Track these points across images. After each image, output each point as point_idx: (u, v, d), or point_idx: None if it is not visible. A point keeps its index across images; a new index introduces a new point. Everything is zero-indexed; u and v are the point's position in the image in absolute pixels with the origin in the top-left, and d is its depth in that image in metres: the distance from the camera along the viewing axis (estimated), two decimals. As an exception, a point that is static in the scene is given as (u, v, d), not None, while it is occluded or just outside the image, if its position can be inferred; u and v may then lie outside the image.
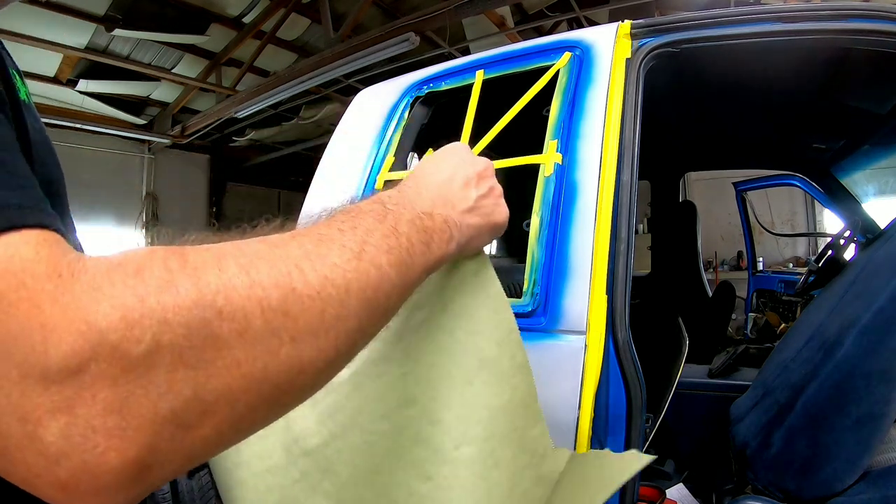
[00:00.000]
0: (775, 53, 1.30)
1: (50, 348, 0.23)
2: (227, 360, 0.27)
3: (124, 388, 0.24)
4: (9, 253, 0.25)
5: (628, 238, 0.97)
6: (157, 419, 0.25)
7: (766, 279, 4.13)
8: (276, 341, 0.29)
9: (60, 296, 0.24)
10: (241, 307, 0.27)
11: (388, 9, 4.54)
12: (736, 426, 1.32)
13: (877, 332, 1.02)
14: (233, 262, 0.29)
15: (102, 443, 0.24)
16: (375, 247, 0.36)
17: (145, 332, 0.25)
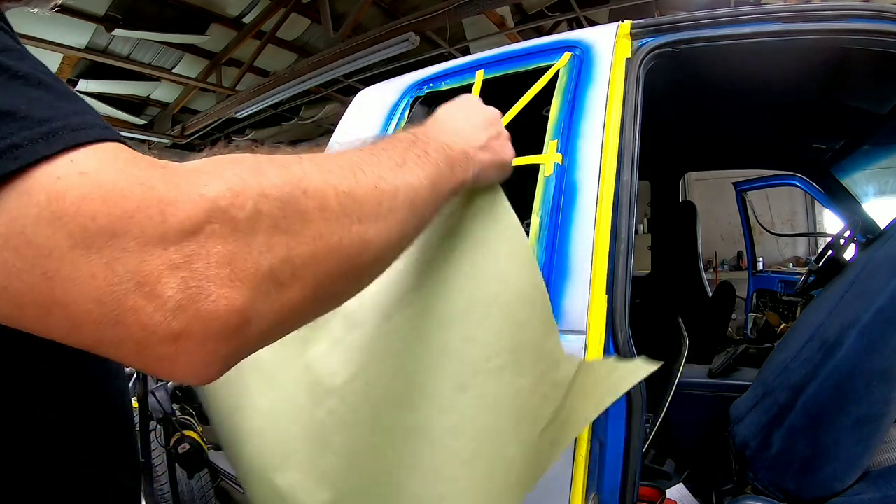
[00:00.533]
0: (775, 53, 1.30)
1: (168, 217, 0.27)
2: (312, 231, 0.32)
3: (233, 244, 0.28)
4: (113, 154, 0.29)
5: (628, 238, 0.97)
6: (258, 274, 0.29)
7: (766, 279, 4.13)
8: (346, 219, 0.35)
9: (172, 177, 0.28)
10: (320, 189, 0.34)
11: (388, 9, 4.54)
12: (736, 426, 1.32)
13: (877, 332, 1.02)
14: (307, 161, 0.35)
15: (215, 291, 0.28)
16: (413, 163, 0.44)
17: (248, 200, 0.29)
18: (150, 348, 0.27)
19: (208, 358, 0.29)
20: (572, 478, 0.87)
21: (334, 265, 0.34)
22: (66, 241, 0.26)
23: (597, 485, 0.90)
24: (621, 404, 0.91)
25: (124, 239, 0.26)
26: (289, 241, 0.31)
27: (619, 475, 0.91)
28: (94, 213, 0.26)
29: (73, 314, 0.27)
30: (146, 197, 0.27)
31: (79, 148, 0.28)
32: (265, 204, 0.30)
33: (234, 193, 0.29)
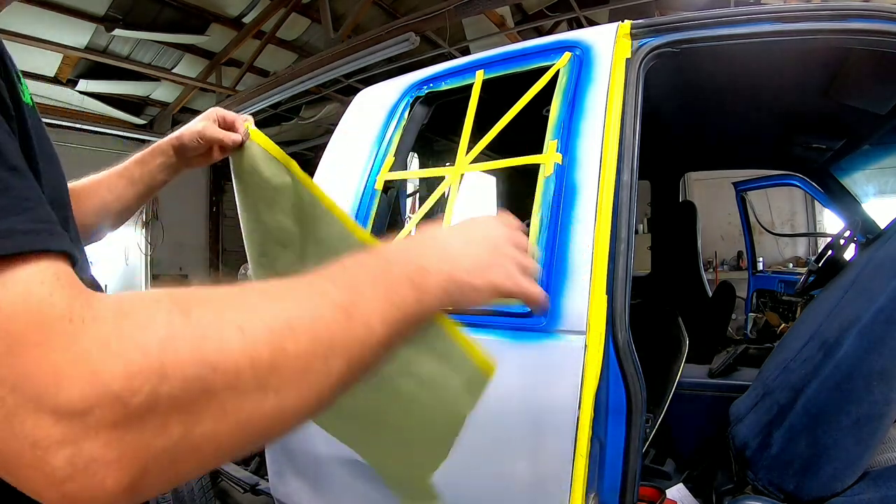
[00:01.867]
0: (775, 53, 1.30)
1: (61, 391, 0.26)
2: (216, 409, 0.30)
3: (122, 429, 0.27)
4: (26, 289, 0.28)
5: (628, 238, 0.97)
6: (149, 455, 0.28)
7: (766, 279, 4.13)
8: (261, 394, 0.32)
9: (72, 344, 0.27)
10: (234, 363, 0.31)
11: (388, 9, 4.55)
12: (736, 426, 1.32)
13: (877, 332, 1.02)
14: (231, 317, 0.32)
15: (101, 471, 0.27)
16: (367, 305, 0.38)
17: (144, 384, 0.28)
18: (44, 501, 0.28)
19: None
20: (572, 477, 0.87)
21: (239, 439, 0.32)
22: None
23: (597, 484, 0.90)
24: (621, 404, 0.91)
25: (22, 396, 0.26)
26: (187, 420, 0.29)
27: (619, 475, 0.91)
28: (2, 357, 0.27)
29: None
30: (44, 362, 0.27)
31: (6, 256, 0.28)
32: (164, 386, 0.28)
33: (128, 377, 0.27)
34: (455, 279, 0.46)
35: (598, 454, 0.90)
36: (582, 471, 0.86)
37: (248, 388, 0.31)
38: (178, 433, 0.29)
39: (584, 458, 0.87)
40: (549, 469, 0.89)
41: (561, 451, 0.88)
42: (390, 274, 0.41)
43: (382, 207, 1.28)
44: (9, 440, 0.27)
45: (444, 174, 1.21)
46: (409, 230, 1.35)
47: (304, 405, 0.34)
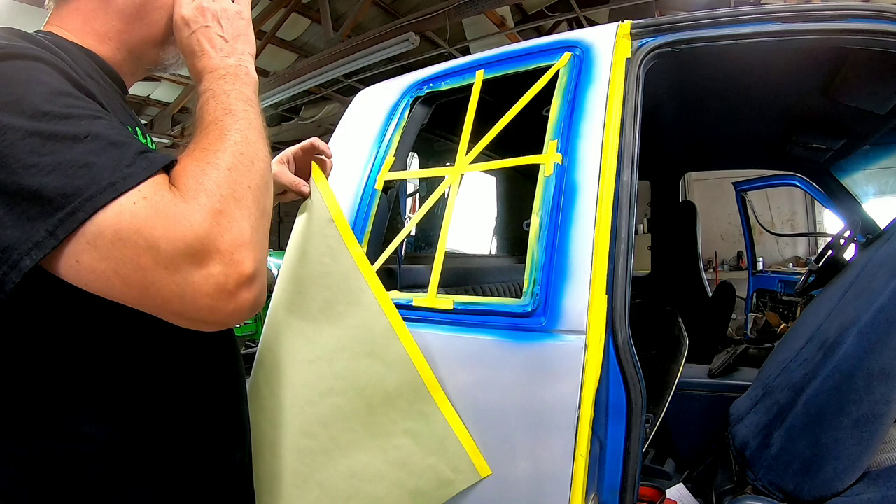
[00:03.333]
0: (775, 53, 1.30)
1: (192, 234, 0.48)
2: (244, 185, 0.55)
3: (229, 226, 0.51)
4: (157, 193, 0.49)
5: (628, 238, 0.97)
6: (251, 232, 0.53)
7: (766, 279, 4.13)
8: (251, 166, 0.57)
9: (183, 209, 0.49)
10: (237, 166, 0.55)
11: (388, 9, 4.55)
12: (736, 426, 1.32)
13: (877, 332, 1.02)
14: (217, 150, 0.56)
15: (240, 260, 0.50)
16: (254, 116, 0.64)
17: (217, 203, 0.51)
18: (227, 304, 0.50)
19: (250, 296, 0.51)
20: (572, 478, 0.87)
21: (260, 193, 0.56)
22: (144, 241, 0.47)
23: (597, 485, 0.90)
24: (621, 404, 0.91)
25: (177, 252, 0.48)
26: (239, 202, 0.53)
27: (619, 475, 0.91)
28: (158, 233, 0.47)
29: (157, 294, 0.48)
30: (187, 232, 0.48)
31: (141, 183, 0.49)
32: (225, 191, 0.52)
33: (212, 193, 0.51)
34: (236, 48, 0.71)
35: (598, 454, 0.90)
36: (582, 471, 0.86)
37: (247, 168, 0.56)
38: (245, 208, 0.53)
39: (584, 457, 0.87)
40: (548, 469, 0.89)
41: (561, 451, 0.88)
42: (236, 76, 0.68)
43: (382, 207, 1.28)
44: (172, 282, 0.48)
45: (444, 174, 1.21)
46: (408, 230, 1.35)
47: (263, 168, 0.59)
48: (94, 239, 0.46)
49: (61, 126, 0.48)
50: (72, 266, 0.47)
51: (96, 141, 0.49)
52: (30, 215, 0.46)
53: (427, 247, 2.19)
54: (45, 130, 0.47)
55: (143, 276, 0.47)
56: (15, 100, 0.48)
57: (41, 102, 0.49)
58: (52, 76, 0.53)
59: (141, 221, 0.47)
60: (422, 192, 2.48)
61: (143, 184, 0.49)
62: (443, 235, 1.10)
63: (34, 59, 0.53)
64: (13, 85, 0.50)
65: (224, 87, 0.65)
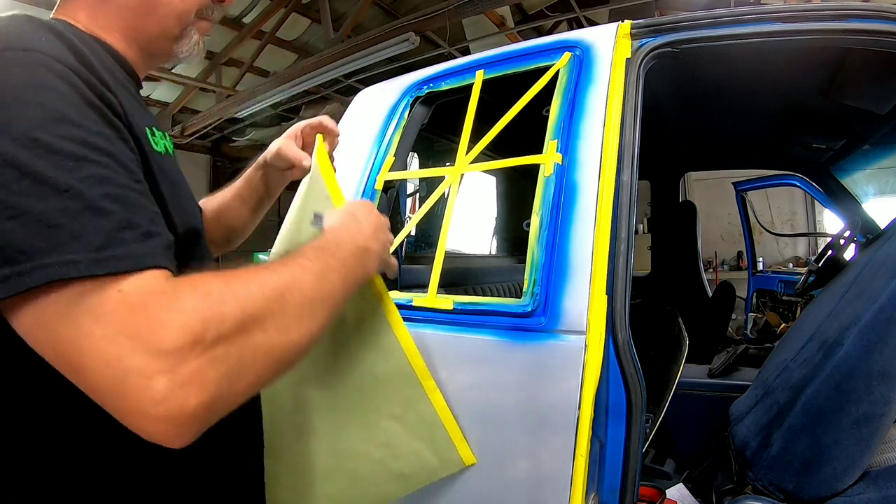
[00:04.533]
0: (775, 53, 1.30)
1: (165, 336, 0.41)
2: (253, 340, 0.47)
3: (203, 357, 0.43)
4: (143, 282, 0.44)
5: (628, 238, 0.97)
6: (220, 376, 0.44)
7: (766, 279, 4.13)
8: (277, 330, 0.49)
9: (168, 307, 0.43)
10: (259, 310, 0.48)
11: (388, 9, 4.55)
12: (736, 426, 1.32)
13: (877, 332, 1.02)
14: (253, 283, 0.49)
15: (187, 390, 0.42)
16: (332, 271, 0.59)
17: (212, 326, 0.44)
18: (142, 422, 0.42)
19: (181, 431, 0.43)
20: (572, 478, 0.87)
21: (271, 360, 0.49)
22: (99, 332, 0.41)
23: (597, 484, 0.90)
24: (621, 404, 0.91)
25: (137, 342, 0.41)
26: (239, 350, 0.46)
27: (619, 475, 0.91)
28: (121, 320, 0.42)
29: (92, 380, 0.42)
30: (153, 318, 0.42)
31: (124, 273, 0.43)
32: (223, 326, 0.44)
33: (204, 321, 0.43)
34: (368, 251, 0.70)
35: (598, 454, 0.90)
36: (582, 471, 0.86)
37: (269, 326, 0.48)
38: (234, 358, 0.45)
39: (583, 458, 0.87)
40: (548, 469, 0.89)
41: (561, 452, 0.88)
42: (341, 250, 0.63)
43: (382, 207, 1.28)
44: (119, 375, 0.41)
45: (444, 174, 1.21)
46: (408, 230, 1.35)
47: (304, 338, 0.53)
48: (36, 310, 0.42)
49: (45, 164, 0.43)
50: (14, 321, 0.43)
51: (76, 199, 0.43)
52: None
53: (427, 247, 2.19)
54: (27, 165, 0.42)
55: (80, 360, 0.42)
56: (8, 115, 0.44)
57: (34, 126, 0.44)
58: (59, 88, 0.47)
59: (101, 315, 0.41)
60: (422, 192, 2.48)
61: (127, 278, 0.43)
62: (443, 235, 1.10)
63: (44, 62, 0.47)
64: (12, 94, 0.45)
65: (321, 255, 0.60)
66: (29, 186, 0.42)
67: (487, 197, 2.79)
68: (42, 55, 0.47)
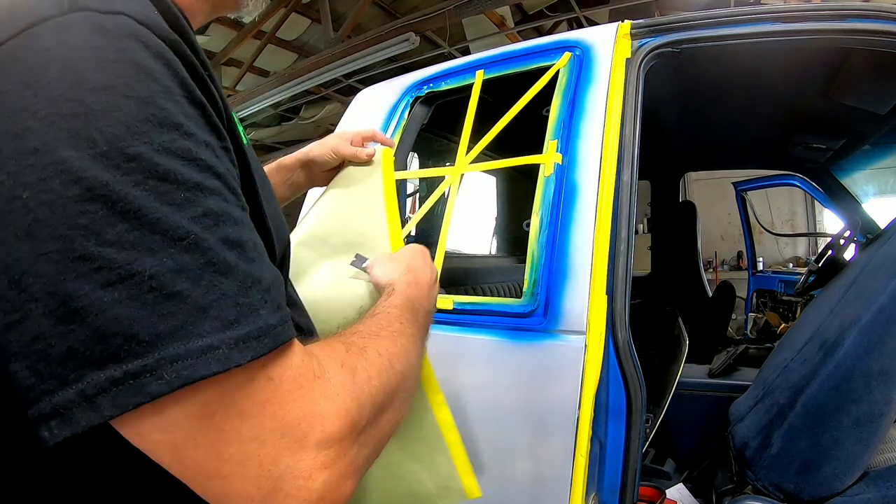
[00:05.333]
0: (775, 53, 1.30)
1: (327, 428, 0.34)
2: (387, 417, 0.43)
3: (357, 446, 0.37)
4: (288, 362, 0.35)
5: (628, 238, 0.97)
6: (367, 459, 0.39)
7: (766, 279, 4.13)
8: (401, 405, 0.46)
9: (324, 394, 0.35)
10: (394, 389, 0.44)
11: (388, 9, 4.55)
12: (736, 426, 1.32)
13: (877, 332, 1.02)
14: (384, 358, 0.44)
15: (349, 481, 0.36)
16: (418, 338, 0.56)
17: (366, 410, 0.38)
18: None
19: None
20: (572, 478, 0.87)
21: (387, 438, 0.45)
22: (247, 432, 0.32)
23: (597, 484, 0.90)
24: (621, 404, 0.91)
25: (287, 440, 0.33)
26: (378, 430, 0.41)
27: (619, 475, 0.92)
28: (273, 415, 0.33)
29: (230, 487, 0.32)
30: (309, 408, 0.34)
31: (266, 354, 0.33)
32: (373, 411, 0.39)
33: (360, 409, 0.37)
34: (431, 313, 0.66)
35: (598, 454, 0.90)
36: (582, 471, 0.86)
37: (395, 402, 0.44)
38: (373, 440, 0.40)
39: (584, 457, 0.87)
40: (549, 469, 0.90)
41: (561, 451, 0.88)
42: (419, 315, 0.59)
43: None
44: (273, 477, 0.32)
45: (444, 174, 1.21)
46: (409, 230, 1.35)
47: (410, 395, 0.51)
48: (164, 414, 0.30)
49: (150, 195, 0.29)
50: (126, 431, 0.31)
51: (195, 251, 0.30)
52: (62, 351, 0.28)
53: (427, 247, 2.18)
54: (123, 198, 0.28)
55: (215, 466, 0.31)
56: (87, 117, 0.29)
57: (127, 133, 0.29)
58: (157, 72, 0.32)
59: (271, 408, 0.32)
60: (422, 192, 2.48)
61: (275, 357, 0.33)
62: (443, 235, 1.10)
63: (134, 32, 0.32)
64: (92, 82, 0.30)
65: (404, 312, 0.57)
66: (130, 233, 0.28)
67: (487, 197, 2.79)
68: (129, 20, 0.32)
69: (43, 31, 0.30)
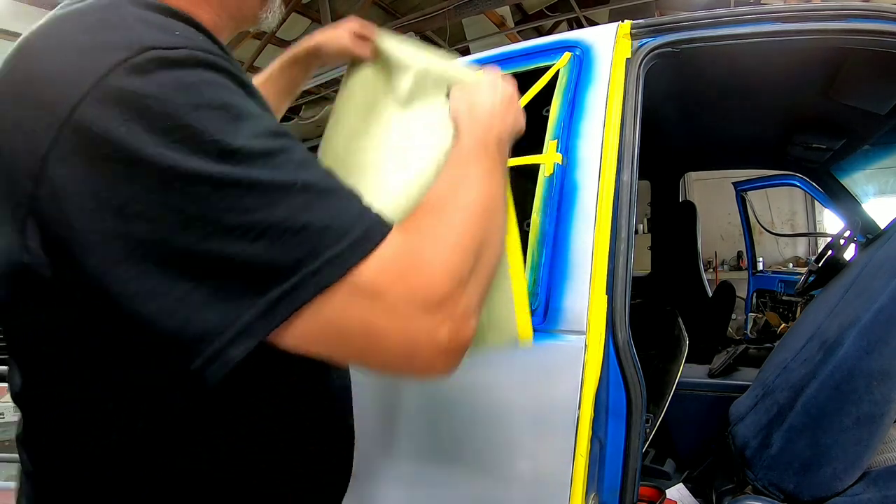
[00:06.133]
0: (775, 53, 1.30)
1: (438, 288, 0.43)
2: (487, 255, 0.50)
3: (465, 294, 0.45)
4: (395, 244, 0.43)
5: (628, 238, 0.97)
6: (479, 299, 0.48)
7: (766, 279, 4.13)
8: (493, 238, 0.52)
9: (429, 262, 0.43)
10: (483, 236, 0.50)
11: (388, 9, 4.55)
12: (736, 426, 1.32)
13: (877, 332, 1.02)
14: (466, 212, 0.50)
15: (468, 324, 0.45)
16: (497, 172, 0.60)
17: (465, 263, 0.46)
18: (431, 371, 0.45)
19: (459, 361, 0.46)
20: (572, 478, 0.87)
21: (492, 273, 0.53)
22: (381, 309, 0.41)
23: (597, 485, 0.90)
24: (621, 404, 0.91)
25: (412, 305, 0.41)
26: (482, 273, 0.49)
27: (619, 475, 0.92)
28: (397, 289, 0.41)
29: (381, 357, 0.43)
30: (421, 279, 0.42)
31: (377, 247, 0.41)
32: (470, 261, 0.47)
33: (463, 261, 0.46)
34: (507, 132, 0.67)
35: (598, 454, 0.90)
36: (582, 471, 0.86)
37: (487, 239, 0.50)
38: (481, 277, 0.48)
39: (584, 458, 0.87)
40: (548, 469, 0.90)
41: (561, 451, 0.88)
42: (487, 146, 0.61)
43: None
44: (410, 339, 0.42)
45: (444, 174, 1.21)
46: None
47: (503, 241, 0.58)
48: (316, 317, 0.40)
49: (260, 170, 0.39)
50: (280, 340, 0.40)
51: (307, 192, 0.41)
52: (231, 292, 0.38)
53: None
54: (243, 178, 0.38)
55: (368, 341, 0.41)
56: (192, 133, 0.38)
57: (228, 134, 0.39)
58: (228, 87, 0.42)
59: (390, 285, 0.41)
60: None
61: (380, 249, 0.41)
62: (443, 235, 1.10)
63: (199, 64, 0.41)
64: (186, 108, 0.39)
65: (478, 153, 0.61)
66: (255, 200, 0.38)
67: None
68: (190, 52, 0.42)
69: (126, 71, 0.38)
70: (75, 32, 0.41)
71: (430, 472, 1.00)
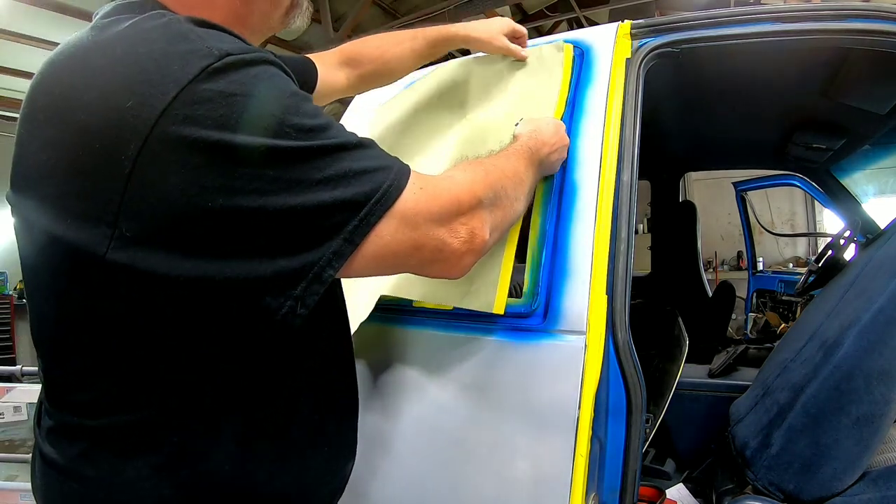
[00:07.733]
0: (775, 53, 1.30)
1: (463, 202, 0.62)
2: (505, 203, 0.71)
3: (485, 212, 0.65)
4: (416, 178, 0.59)
5: (628, 238, 0.97)
6: (493, 224, 0.67)
7: (766, 279, 4.13)
8: (515, 201, 0.76)
9: (458, 182, 0.64)
10: (505, 184, 0.72)
11: (388, 9, 4.55)
12: (736, 426, 1.32)
13: (877, 332, 1.02)
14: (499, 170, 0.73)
15: (482, 232, 0.64)
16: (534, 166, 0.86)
17: (485, 193, 0.66)
18: (456, 270, 0.64)
19: (473, 261, 0.65)
20: (572, 478, 0.87)
21: (510, 219, 0.74)
22: (423, 223, 0.58)
23: (597, 484, 0.90)
24: (621, 404, 0.91)
25: (445, 217, 0.60)
26: (495, 209, 0.68)
27: (619, 475, 0.92)
28: (430, 207, 0.59)
29: (422, 261, 0.61)
30: (452, 194, 0.61)
31: (409, 177, 0.58)
32: (489, 194, 0.66)
33: (485, 188, 0.66)
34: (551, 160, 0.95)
35: (598, 454, 0.90)
36: (582, 471, 0.86)
37: (511, 198, 0.73)
38: (499, 211, 0.69)
39: (583, 458, 0.87)
40: (548, 469, 0.89)
41: (561, 451, 0.88)
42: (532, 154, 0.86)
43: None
44: (441, 245, 0.60)
45: (444, 174, 1.21)
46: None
47: (521, 210, 0.81)
48: (383, 234, 0.54)
49: (328, 138, 0.53)
50: (357, 261, 0.54)
51: (360, 148, 0.55)
52: (322, 230, 0.51)
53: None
54: (321, 146, 0.52)
55: (415, 242, 0.57)
56: (278, 122, 0.50)
57: (302, 117, 0.52)
58: (287, 80, 0.55)
59: (422, 205, 0.57)
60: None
61: (413, 177, 0.58)
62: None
63: (265, 62, 0.53)
64: (268, 99, 0.50)
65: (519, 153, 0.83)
66: (331, 161, 0.52)
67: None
68: (257, 54, 0.53)
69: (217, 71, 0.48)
70: (151, 42, 0.49)
71: (431, 472, 1.00)
